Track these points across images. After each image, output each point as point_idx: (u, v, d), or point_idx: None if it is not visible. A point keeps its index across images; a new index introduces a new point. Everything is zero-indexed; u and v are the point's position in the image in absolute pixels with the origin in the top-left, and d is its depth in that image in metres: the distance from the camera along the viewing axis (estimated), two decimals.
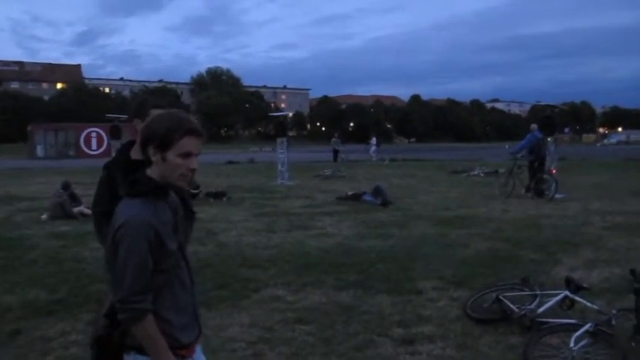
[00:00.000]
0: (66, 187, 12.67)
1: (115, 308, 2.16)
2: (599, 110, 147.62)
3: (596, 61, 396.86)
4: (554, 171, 15.98)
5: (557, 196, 14.56)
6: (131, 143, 2.96)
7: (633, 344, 4.49)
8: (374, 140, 42.00)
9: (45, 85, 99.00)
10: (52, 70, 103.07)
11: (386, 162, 35.39)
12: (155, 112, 2.62)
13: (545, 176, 15.26)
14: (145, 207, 2.15)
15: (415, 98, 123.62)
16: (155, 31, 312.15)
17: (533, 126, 16.28)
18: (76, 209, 12.28)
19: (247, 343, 4.85)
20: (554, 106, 17.26)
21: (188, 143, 2.17)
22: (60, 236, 9.96)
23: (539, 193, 14.89)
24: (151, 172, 2.21)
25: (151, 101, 2.96)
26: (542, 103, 18.49)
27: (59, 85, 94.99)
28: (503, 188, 15.46)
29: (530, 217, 11.72)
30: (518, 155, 16.08)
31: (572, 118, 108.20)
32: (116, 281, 2.13)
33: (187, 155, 2.18)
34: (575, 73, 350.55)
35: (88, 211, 12.34)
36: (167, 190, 2.25)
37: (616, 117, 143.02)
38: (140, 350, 2.20)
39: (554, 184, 14.69)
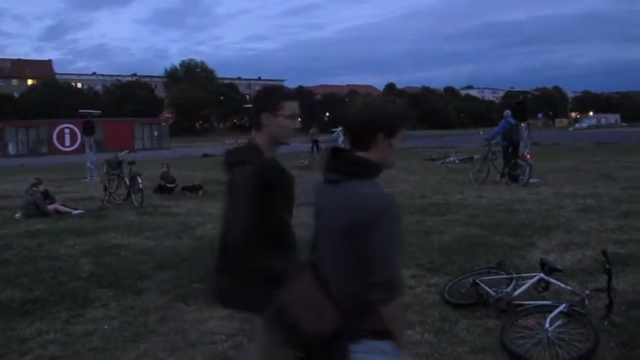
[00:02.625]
0: (38, 184, 12.49)
1: (366, 289, 2.11)
2: (570, 95, 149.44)
3: (564, 47, 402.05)
4: (528, 156, 16.21)
5: (532, 180, 14.76)
6: (252, 145, 2.95)
7: (606, 323, 4.60)
8: (340, 129, 39.72)
9: (15, 82, 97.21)
10: (22, 66, 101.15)
11: None
12: (290, 104, 2.85)
13: (519, 161, 15.45)
14: (380, 188, 2.19)
15: (390, 87, 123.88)
16: (125, 25, 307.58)
17: (507, 112, 16.41)
18: (50, 207, 12.12)
19: (226, 335, 4.85)
20: (527, 92, 17.45)
21: (405, 131, 2.31)
22: (34, 234, 9.83)
23: (514, 179, 15.05)
24: (367, 156, 2.23)
25: (281, 93, 2.95)
26: (516, 89, 18.67)
27: (30, 81, 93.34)
28: (478, 174, 15.66)
29: (504, 202, 11.86)
30: (492, 141, 16.22)
31: (545, 103, 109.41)
32: (375, 262, 2.11)
33: (401, 141, 2.29)
34: (544, 60, 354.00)
35: (63, 209, 12.24)
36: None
37: (587, 101, 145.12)
38: (378, 335, 2.17)
39: (528, 169, 14.88)
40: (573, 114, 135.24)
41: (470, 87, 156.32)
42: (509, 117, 16.08)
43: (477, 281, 5.37)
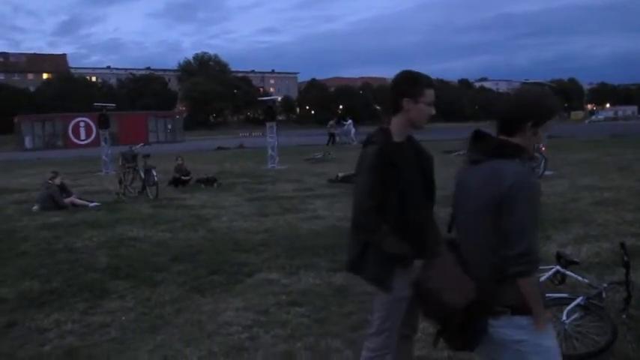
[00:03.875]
0: (54, 177, 12.60)
1: (505, 263, 2.20)
2: (586, 87, 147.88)
3: (579, 38, 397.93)
4: (543, 148, 16.08)
5: (547, 172, 14.66)
6: (383, 128, 3.10)
7: (624, 316, 4.56)
8: (350, 122, 39.68)
9: (31, 76, 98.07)
10: (38, 61, 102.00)
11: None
12: (430, 92, 2.98)
13: (534, 154, 15.35)
14: (522, 166, 2.33)
15: None
16: (138, 19, 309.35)
17: None
18: (67, 200, 12.23)
19: (243, 326, 4.88)
20: (542, 84, 17.26)
21: (552, 123, 2.39)
22: (52, 227, 9.93)
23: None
24: (512, 140, 2.36)
25: (424, 80, 3.01)
26: (531, 81, 18.48)
27: (45, 76, 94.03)
28: None
29: None
30: None
31: (561, 95, 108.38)
32: (515, 235, 2.19)
33: (545, 131, 2.39)
34: (559, 51, 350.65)
35: (79, 202, 12.35)
36: None
37: (603, 93, 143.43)
38: (517, 310, 2.25)
39: (543, 162, 14.81)
40: (589, 106, 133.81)
41: (484, 79, 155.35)
42: None
43: None
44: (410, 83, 3.01)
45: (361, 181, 2.99)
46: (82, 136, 49.31)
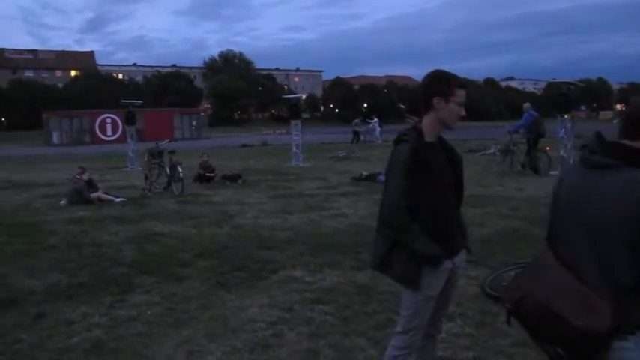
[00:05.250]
0: (82, 173, 12.76)
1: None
2: (615, 87, 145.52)
3: (608, 36, 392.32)
4: (547, 148, 16.22)
5: (552, 172, 14.63)
6: (415, 127, 3.08)
7: None
8: (376, 121, 39.62)
9: (59, 73, 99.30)
10: (66, 58, 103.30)
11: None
12: (461, 92, 2.97)
13: (538, 153, 15.81)
14: None
15: None
16: (164, 16, 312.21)
17: (527, 105, 16.59)
18: (93, 195, 12.39)
19: (267, 323, 4.90)
20: (570, 83, 16.96)
21: None
22: (79, 221, 10.07)
23: (535, 170, 15.38)
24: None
25: (456, 80, 3.02)
26: (558, 80, 18.21)
27: (73, 73, 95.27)
28: (500, 165, 16.25)
29: (544, 195, 11.63)
30: (515, 135, 16.69)
31: (589, 95, 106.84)
32: None
33: None
34: (587, 50, 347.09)
35: (106, 197, 12.50)
36: None
37: (632, 93, 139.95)
38: None
39: (548, 161, 15.31)
40: (618, 106, 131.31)
41: (510, 78, 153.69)
42: (530, 110, 16.18)
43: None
44: (441, 82, 3.00)
45: (393, 179, 2.97)
46: (109, 132, 49.85)
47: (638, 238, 2.01)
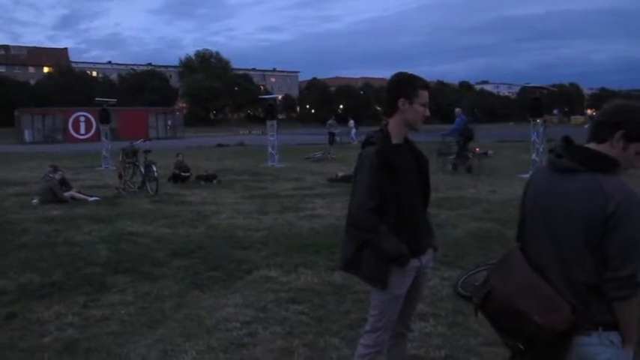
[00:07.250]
0: (54, 171, 12.62)
1: (605, 285, 2.10)
2: (586, 92, 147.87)
3: (580, 42, 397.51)
4: (477, 149, 18.06)
5: (523, 175, 14.98)
6: (382, 131, 3.14)
7: None
8: (352, 123, 40.85)
9: (31, 69, 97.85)
10: (39, 54, 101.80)
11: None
12: (424, 93, 3.04)
13: (468, 154, 17.32)
14: (628, 184, 2.15)
15: None
16: (138, 14, 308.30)
17: (458, 110, 18.32)
18: (66, 193, 12.26)
19: (241, 323, 4.91)
20: (543, 88, 17.31)
21: None
22: (51, 220, 9.96)
23: (468, 169, 16.86)
24: (607, 151, 2.19)
25: (419, 82, 3.07)
26: (532, 85, 18.59)
27: (46, 69, 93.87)
28: (438, 165, 17.21)
29: (517, 197, 11.79)
30: (448, 138, 18.43)
31: (562, 99, 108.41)
32: (620, 258, 2.07)
33: None
34: (560, 55, 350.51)
35: (79, 196, 12.38)
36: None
37: (604, 99, 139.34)
38: (608, 326, 2.14)
39: (475, 161, 16.92)
40: (589, 111, 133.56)
41: (485, 82, 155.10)
42: (461, 115, 17.84)
43: None
44: (405, 85, 3.08)
45: (361, 181, 3.04)
46: (82, 130, 49.18)
47: (597, 242, 2.10)
